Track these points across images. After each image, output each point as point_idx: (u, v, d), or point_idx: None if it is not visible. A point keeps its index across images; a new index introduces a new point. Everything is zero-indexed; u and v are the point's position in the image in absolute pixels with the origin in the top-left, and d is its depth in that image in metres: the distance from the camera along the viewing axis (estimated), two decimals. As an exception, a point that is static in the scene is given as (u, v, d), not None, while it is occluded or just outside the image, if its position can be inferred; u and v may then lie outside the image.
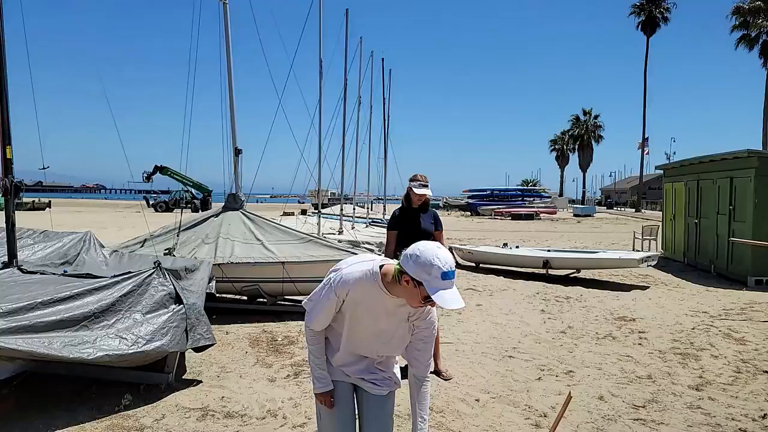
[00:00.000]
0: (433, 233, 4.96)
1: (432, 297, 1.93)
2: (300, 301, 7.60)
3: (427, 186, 4.89)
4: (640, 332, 6.61)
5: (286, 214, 22.98)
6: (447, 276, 1.95)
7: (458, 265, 12.48)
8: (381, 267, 2.15)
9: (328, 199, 40.69)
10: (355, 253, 7.42)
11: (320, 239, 8.03)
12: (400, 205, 5.10)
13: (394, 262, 2.16)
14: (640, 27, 49.79)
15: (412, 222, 4.92)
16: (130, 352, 3.92)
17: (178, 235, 7.31)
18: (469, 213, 48.10)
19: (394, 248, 4.95)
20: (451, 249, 12.67)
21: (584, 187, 77.73)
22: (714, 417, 4.07)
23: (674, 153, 56.70)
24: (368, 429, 2.39)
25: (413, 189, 4.86)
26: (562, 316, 7.53)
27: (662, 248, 15.16)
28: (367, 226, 18.31)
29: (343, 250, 7.37)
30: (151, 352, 4.07)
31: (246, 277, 7.04)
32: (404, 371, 2.53)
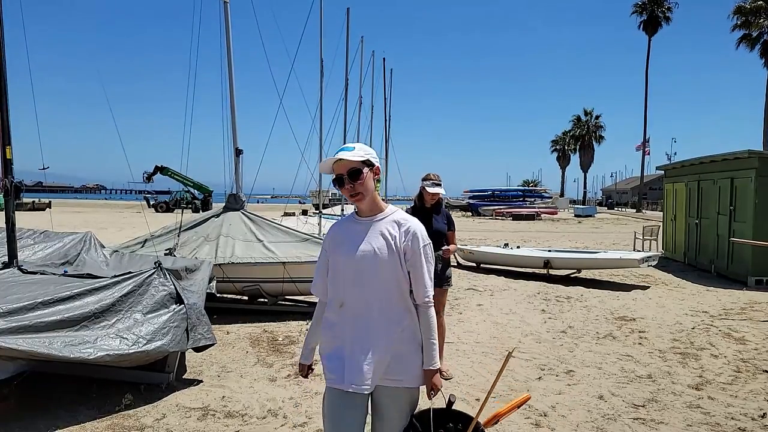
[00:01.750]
0: (446, 233, 4.93)
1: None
2: (301, 302, 7.65)
3: (440, 185, 4.85)
4: (640, 332, 6.61)
5: (287, 214, 22.99)
6: (339, 150, 2.28)
7: (459, 266, 12.50)
8: None
9: (329, 199, 40.69)
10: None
11: (321, 239, 8.02)
12: (413, 205, 5.06)
13: None
14: (641, 26, 49.82)
15: (423, 222, 4.86)
16: (130, 351, 3.93)
17: (178, 236, 7.32)
18: (470, 213, 48.07)
19: None
20: None
21: (585, 187, 77.83)
22: (713, 416, 4.07)
23: (675, 153, 56.85)
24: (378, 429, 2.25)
25: (426, 188, 4.82)
26: (563, 315, 7.53)
27: (663, 248, 15.16)
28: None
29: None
30: (151, 351, 4.08)
31: (247, 277, 7.05)
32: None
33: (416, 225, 2.31)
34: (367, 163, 2.23)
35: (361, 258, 2.21)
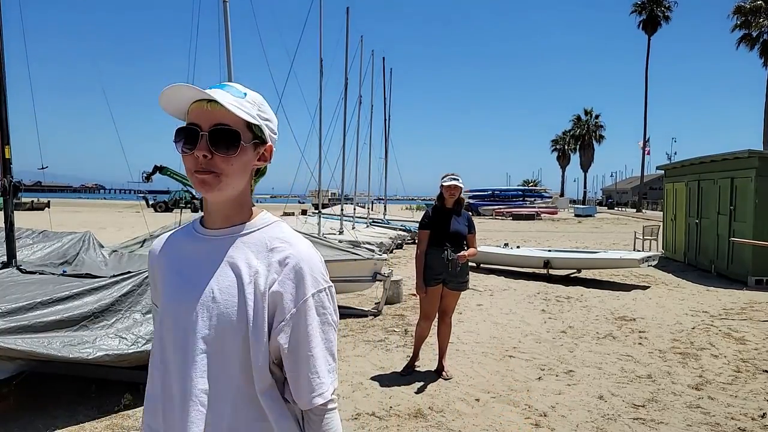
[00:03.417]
0: (466, 236, 4.90)
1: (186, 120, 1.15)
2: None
3: (457, 179, 4.86)
4: (640, 332, 6.61)
5: (286, 214, 23.00)
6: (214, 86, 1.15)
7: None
8: None
9: (329, 199, 40.68)
10: (356, 253, 7.45)
11: (320, 239, 8.02)
12: (433, 205, 5.04)
13: None
14: (641, 26, 49.92)
15: (442, 222, 4.85)
16: (129, 351, 3.92)
17: (178, 235, 7.30)
18: (470, 213, 48.03)
19: (425, 248, 4.84)
20: None
21: (585, 187, 77.90)
22: (713, 416, 4.06)
23: (675, 153, 56.74)
24: None
25: (443, 183, 4.85)
26: (563, 315, 7.53)
27: (663, 248, 15.16)
28: (367, 226, 18.32)
29: (343, 250, 7.37)
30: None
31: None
32: None
33: (303, 252, 1.15)
34: (255, 131, 1.15)
35: (187, 310, 1.12)
